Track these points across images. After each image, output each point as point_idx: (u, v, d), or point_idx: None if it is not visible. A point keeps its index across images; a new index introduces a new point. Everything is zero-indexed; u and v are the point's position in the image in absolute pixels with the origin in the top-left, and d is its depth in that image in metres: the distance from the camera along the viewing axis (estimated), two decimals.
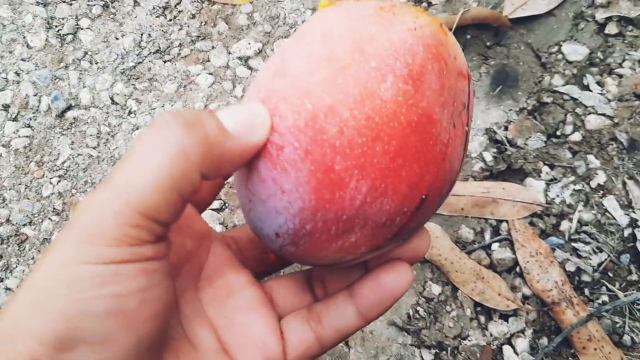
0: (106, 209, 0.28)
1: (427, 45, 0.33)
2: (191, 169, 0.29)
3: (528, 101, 0.97)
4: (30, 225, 0.94)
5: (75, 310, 0.27)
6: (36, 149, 0.97)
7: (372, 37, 0.32)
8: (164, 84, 1.00)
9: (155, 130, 0.30)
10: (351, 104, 0.31)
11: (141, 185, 0.28)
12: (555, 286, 0.87)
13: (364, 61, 0.32)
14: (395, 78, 0.32)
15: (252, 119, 0.33)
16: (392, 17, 0.33)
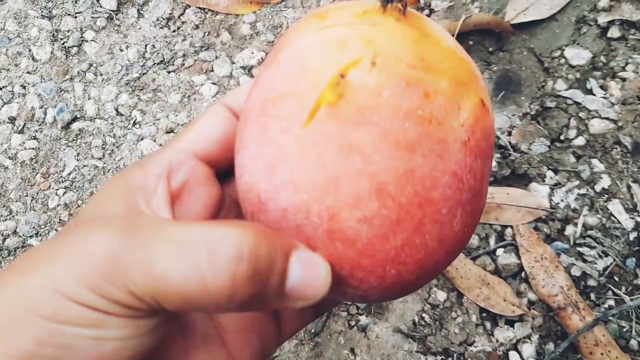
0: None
1: (484, 156, 0.31)
2: (211, 304, 0.27)
3: (531, 106, 0.97)
4: (37, 236, 0.95)
5: (52, 339, 0.26)
6: (42, 160, 0.98)
7: (422, 166, 0.29)
8: (168, 95, 1.00)
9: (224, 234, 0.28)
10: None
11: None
12: (560, 291, 0.87)
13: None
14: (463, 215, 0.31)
15: (315, 287, 0.30)
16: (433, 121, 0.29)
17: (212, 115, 0.38)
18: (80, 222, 0.32)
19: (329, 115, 0.28)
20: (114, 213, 0.32)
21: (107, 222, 0.29)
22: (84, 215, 0.33)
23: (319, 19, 0.32)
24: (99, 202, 0.33)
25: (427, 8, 1.03)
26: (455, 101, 0.30)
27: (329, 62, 0.30)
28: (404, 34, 0.30)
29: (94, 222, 0.30)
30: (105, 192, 0.34)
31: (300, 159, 0.29)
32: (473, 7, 1.02)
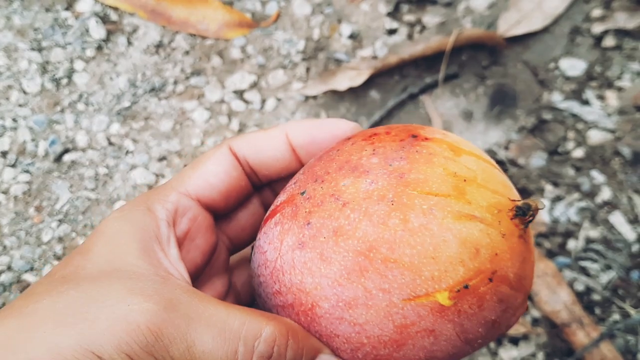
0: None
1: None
2: None
3: (528, 119, 0.96)
4: (32, 271, 0.93)
5: None
6: (35, 194, 0.97)
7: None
8: (159, 122, 0.99)
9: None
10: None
11: None
12: (564, 307, 0.85)
13: None
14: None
15: None
16: None
17: (218, 160, 0.39)
18: (103, 274, 0.31)
19: (432, 309, 0.32)
20: (136, 268, 0.32)
21: (143, 288, 0.30)
22: (99, 261, 0.33)
23: (455, 183, 0.35)
24: (113, 249, 0.33)
25: (418, 24, 1.03)
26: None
27: (459, 264, 0.32)
28: (519, 252, 0.35)
29: (123, 279, 0.31)
30: (115, 235, 0.34)
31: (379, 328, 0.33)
32: (465, 22, 1.01)
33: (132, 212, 0.35)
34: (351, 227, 0.33)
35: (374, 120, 0.96)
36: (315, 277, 0.33)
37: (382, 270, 0.32)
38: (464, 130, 0.96)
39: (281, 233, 0.35)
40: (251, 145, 0.39)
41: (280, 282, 0.34)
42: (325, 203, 0.34)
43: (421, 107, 0.98)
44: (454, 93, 0.99)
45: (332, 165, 0.36)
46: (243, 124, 0.99)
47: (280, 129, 0.40)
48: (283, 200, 0.37)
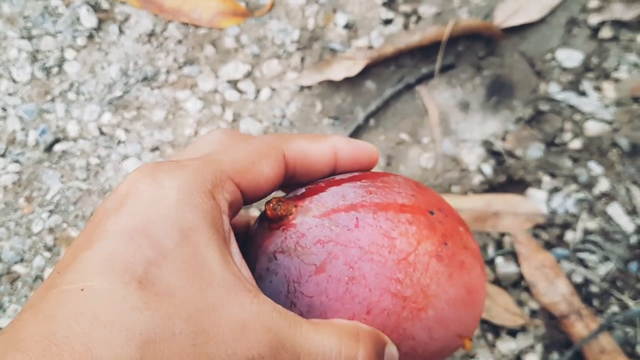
0: None
1: None
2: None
3: (525, 110, 0.95)
4: (22, 262, 0.92)
5: None
6: (25, 184, 0.95)
7: None
8: (152, 112, 0.98)
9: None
10: None
11: None
12: (563, 298, 0.84)
13: None
14: None
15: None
16: None
17: (273, 166, 0.37)
18: (189, 282, 0.29)
19: None
20: (221, 280, 0.30)
21: (253, 318, 0.29)
22: (177, 264, 0.29)
23: None
24: (192, 248, 0.30)
25: (414, 15, 1.02)
26: None
27: None
28: None
29: (229, 287, 0.30)
30: (189, 228, 0.30)
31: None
32: (461, 12, 1.00)
33: (197, 196, 0.31)
34: (468, 265, 0.38)
35: (370, 110, 0.95)
36: (439, 287, 0.36)
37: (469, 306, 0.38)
38: (460, 121, 0.95)
39: (418, 235, 0.36)
40: (303, 156, 0.39)
41: (406, 273, 0.35)
42: (455, 237, 0.38)
43: (417, 98, 0.97)
44: (451, 83, 0.98)
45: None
46: (237, 114, 0.97)
47: (331, 144, 0.40)
48: (406, 203, 0.38)
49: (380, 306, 0.35)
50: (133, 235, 0.28)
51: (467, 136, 0.95)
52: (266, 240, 0.37)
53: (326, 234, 0.35)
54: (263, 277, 0.37)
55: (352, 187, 0.38)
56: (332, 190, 0.38)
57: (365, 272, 0.34)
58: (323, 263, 0.35)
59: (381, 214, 0.36)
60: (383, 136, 0.95)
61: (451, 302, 0.36)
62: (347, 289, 0.34)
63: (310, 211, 0.36)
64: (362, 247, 0.35)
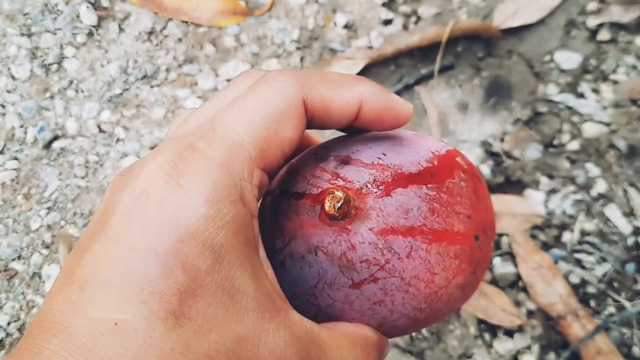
0: None
1: None
2: None
3: (523, 112, 0.95)
4: (20, 259, 0.92)
5: None
6: (23, 181, 0.95)
7: None
8: (151, 110, 0.98)
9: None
10: None
11: None
12: (560, 299, 0.85)
13: None
14: None
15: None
16: None
17: (296, 124, 0.32)
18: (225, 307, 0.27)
19: None
20: (255, 290, 0.28)
21: (287, 348, 0.29)
22: (211, 287, 0.27)
23: None
24: (224, 272, 0.27)
25: (414, 15, 1.02)
26: None
27: None
28: None
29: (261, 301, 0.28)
30: (220, 246, 0.27)
31: None
32: (461, 13, 1.01)
33: (227, 207, 0.27)
34: (473, 289, 0.39)
35: None
36: (449, 309, 0.37)
37: None
38: (459, 121, 0.96)
39: (457, 269, 0.36)
40: (324, 107, 0.33)
41: (430, 304, 0.36)
42: (485, 263, 0.38)
43: (417, 98, 0.98)
44: (450, 84, 0.98)
45: None
46: None
47: (357, 94, 0.34)
48: (461, 230, 0.36)
49: (393, 324, 0.35)
50: (164, 258, 0.25)
51: (466, 137, 0.95)
52: (311, 228, 0.34)
53: (376, 257, 0.34)
54: (295, 258, 0.35)
55: (418, 195, 0.35)
56: (397, 198, 0.35)
57: (395, 300, 0.34)
58: (361, 282, 0.34)
59: (434, 247, 0.35)
60: None
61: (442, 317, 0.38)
62: (372, 308, 0.35)
63: (369, 221, 0.34)
64: (404, 278, 0.34)
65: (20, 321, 0.89)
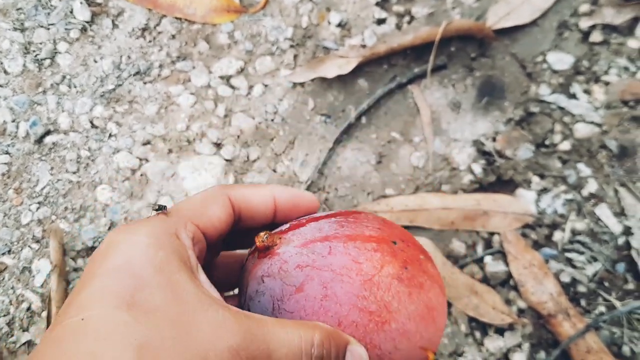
0: None
1: None
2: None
3: (515, 112, 0.96)
4: (10, 254, 0.91)
5: None
6: (15, 175, 0.95)
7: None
8: (144, 106, 0.98)
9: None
10: None
11: None
12: (550, 298, 0.85)
13: None
14: None
15: None
16: None
17: (222, 207, 0.45)
18: (173, 304, 0.35)
19: None
20: (193, 288, 0.37)
21: (226, 319, 0.36)
22: (158, 294, 0.36)
23: None
24: (170, 284, 0.36)
25: (407, 15, 1.02)
26: None
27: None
28: None
29: (206, 305, 0.36)
30: (163, 266, 0.37)
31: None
32: (454, 13, 1.01)
33: (164, 238, 0.38)
34: (427, 286, 0.45)
35: (362, 108, 0.95)
36: (400, 304, 0.42)
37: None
38: (452, 120, 0.96)
39: (382, 260, 0.43)
40: (245, 199, 0.46)
41: (371, 291, 0.42)
42: (415, 262, 0.45)
43: (409, 97, 0.98)
44: (443, 84, 0.98)
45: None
46: (229, 110, 0.97)
47: (270, 189, 0.48)
48: (372, 235, 0.45)
49: (349, 319, 0.41)
50: (117, 272, 0.35)
51: (458, 136, 0.95)
52: (255, 267, 0.44)
53: (304, 260, 0.42)
54: (253, 298, 0.43)
55: (327, 222, 0.45)
56: (310, 225, 0.45)
57: (336, 291, 0.41)
58: (302, 284, 0.41)
59: (350, 243, 0.43)
60: (374, 134, 0.96)
61: (412, 317, 0.43)
62: (322, 304, 0.41)
63: (291, 242, 0.43)
64: (334, 270, 0.41)
65: (9, 316, 0.88)
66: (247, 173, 0.94)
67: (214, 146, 0.95)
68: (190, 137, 0.96)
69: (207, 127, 0.96)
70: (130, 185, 0.94)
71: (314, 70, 0.98)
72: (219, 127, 0.96)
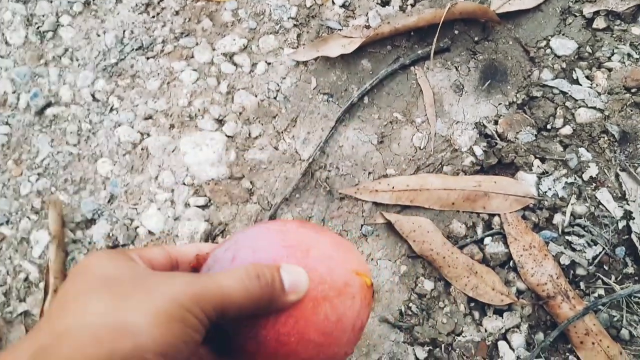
0: None
1: None
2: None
3: (517, 95, 0.96)
4: (8, 224, 0.91)
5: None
6: (14, 146, 0.94)
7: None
8: (146, 81, 0.97)
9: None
10: None
11: None
12: (550, 280, 0.85)
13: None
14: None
15: (300, 282, 0.48)
16: None
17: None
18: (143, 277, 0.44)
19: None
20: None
21: (177, 274, 0.46)
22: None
23: None
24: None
25: None
26: None
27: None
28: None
29: (162, 275, 0.44)
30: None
31: None
32: None
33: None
34: (327, 230, 0.57)
35: (364, 88, 0.95)
36: (311, 239, 0.53)
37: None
38: (454, 103, 0.96)
39: (285, 223, 0.54)
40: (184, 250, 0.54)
41: (286, 235, 0.52)
42: (310, 224, 0.55)
43: (412, 78, 0.98)
44: (446, 66, 0.98)
45: None
46: (232, 87, 0.97)
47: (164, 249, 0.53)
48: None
49: (280, 254, 0.50)
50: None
51: (460, 118, 0.95)
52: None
53: (230, 248, 0.50)
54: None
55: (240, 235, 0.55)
56: (225, 243, 0.53)
57: (261, 245, 0.51)
58: (234, 257, 0.49)
59: (262, 226, 0.54)
60: (377, 114, 0.96)
61: (327, 245, 0.52)
62: (254, 256, 0.49)
63: (218, 249, 0.52)
64: (255, 238, 0.52)
65: (6, 286, 0.88)
66: (249, 150, 0.93)
67: (215, 122, 0.95)
68: (192, 113, 0.95)
69: (209, 103, 0.96)
70: (131, 159, 0.93)
71: (317, 49, 0.97)
72: (221, 104, 0.96)
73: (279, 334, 0.51)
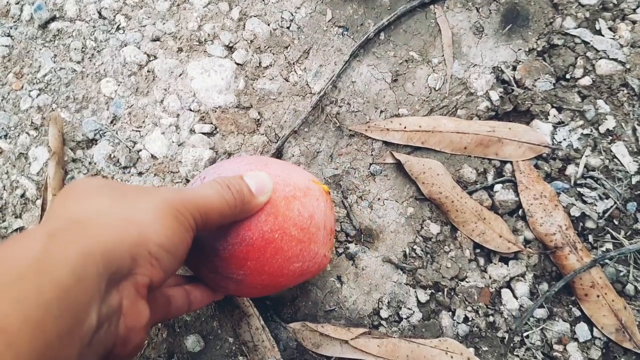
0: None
1: None
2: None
3: (538, 42, 0.93)
4: (6, 138, 0.88)
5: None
6: (16, 59, 0.91)
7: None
8: (156, 1, 0.94)
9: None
10: None
11: None
12: (559, 230, 0.83)
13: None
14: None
15: (264, 183, 0.59)
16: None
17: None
18: (141, 191, 0.50)
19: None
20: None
21: (160, 187, 0.59)
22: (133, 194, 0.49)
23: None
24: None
25: None
26: None
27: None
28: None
29: (153, 189, 0.51)
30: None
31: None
32: None
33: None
34: (271, 161, 0.69)
35: (381, 23, 0.92)
36: (262, 160, 0.67)
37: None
38: (472, 45, 0.93)
39: (245, 157, 0.68)
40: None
41: (244, 158, 0.66)
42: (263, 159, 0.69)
43: (431, 17, 0.94)
44: (466, 6, 0.95)
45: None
46: (243, 13, 0.94)
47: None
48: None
49: (242, 169, 0.62)
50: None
51: (478, 61, 0.92)
52: None
53: (198, 175, 0.65)
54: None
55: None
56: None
57: (225, 166, 0.64)
58: (204, 178, 0.62)
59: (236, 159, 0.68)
60: (392, 52, 0.93)
61: (277, 165, 0.64)
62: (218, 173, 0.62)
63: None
64: (221, 165, 0.65)
65: (2, 201, 0.85)
66: (258, 79, 0.91)
67: (225, 49, 0.92)
68: (202, 37, 0.92)
69: (219, 28, 0.93)
70: (136, 81, 0.90)
71: None
72: (232, 30, 0.93)
73: (263, 231, 0.58)
